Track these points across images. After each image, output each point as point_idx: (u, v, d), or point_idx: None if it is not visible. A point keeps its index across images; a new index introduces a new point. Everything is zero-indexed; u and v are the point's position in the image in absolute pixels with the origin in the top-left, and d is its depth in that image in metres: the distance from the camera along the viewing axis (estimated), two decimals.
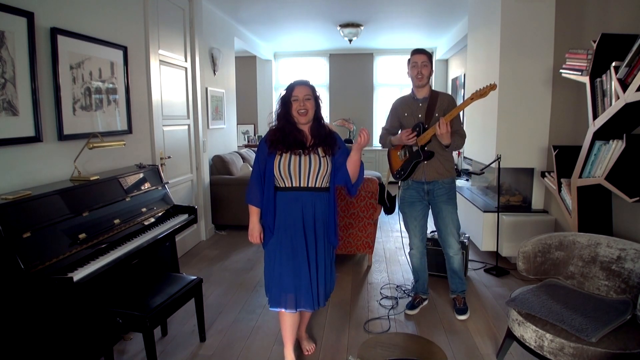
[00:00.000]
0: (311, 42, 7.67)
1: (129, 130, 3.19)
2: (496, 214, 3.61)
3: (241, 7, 5.18)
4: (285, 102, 2.16)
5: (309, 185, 2.12)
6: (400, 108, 2.84)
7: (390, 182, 3.31)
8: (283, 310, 2.15)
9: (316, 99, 2.18)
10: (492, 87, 2.53)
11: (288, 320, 2.19)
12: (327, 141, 2.15)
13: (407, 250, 3.00)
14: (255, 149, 6.49)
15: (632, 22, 2.62)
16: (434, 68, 3.18)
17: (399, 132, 2.86)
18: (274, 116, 2.22)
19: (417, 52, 2.71)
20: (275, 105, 2.24)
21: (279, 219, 2.14)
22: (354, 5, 5.16)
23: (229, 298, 3.17)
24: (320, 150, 2.13)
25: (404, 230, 2.96)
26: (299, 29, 6.51)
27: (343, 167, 2.17)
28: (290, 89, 2.16)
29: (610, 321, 1.84)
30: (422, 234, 2.89)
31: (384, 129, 2.94)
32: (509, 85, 3.56)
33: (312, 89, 2.17)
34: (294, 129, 2.14)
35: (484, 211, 3.78)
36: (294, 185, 2.12)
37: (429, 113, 2.70)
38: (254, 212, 2.19)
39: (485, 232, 3.76)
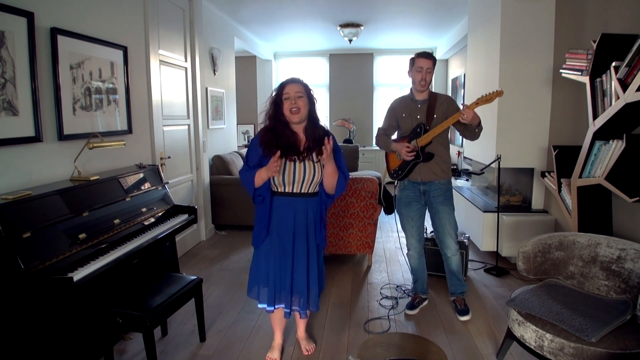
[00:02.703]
0: (311, 42, 7.66)
1: (129, 130, 3.19)
2: (496, 214, 3.62)
3: (241, 7, 5.17)
4: (276, 102, 2.07)
5: (302, 192, 2.11)
6: (399, 108, 2.81)
7: (388, 183, 3.32)
8: (264, 306, 2.23)
9: (310, 98, 2.09)
10: (498, 93, 2.52)
11: (275, 314, 2.32)
12: (320, 144, 2.05)
13: (406, 250, 2.99)
14: None
15: (632, 22, 2.61)
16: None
17: (395, 135, 2.86)
18: (264, 116, 2.12)
19: (423, 56, 2.63)
20: (265, 106, 2.12)
21: (272, 221, 2.15)
22: (354, 5, 5.16)
23: (229, 298, 3.17)
24: (314, 155, 2.08)
25: (402, 230, 2.96)
26: (299, 29, 6.50)
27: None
28: (280, 87, 2.07)
29: (610, 321, 1.84)
30: (419, 234, 2.89)
31: (380, 129, 2.90)
32: (509, 85, 3.55)
33: (305, 86, 2.09)
34: (286, 129, 2.07)
35: (484, 211, 3.78)
36: (286, 190, 2.11)
37: (429, 114, 2.69)
38: (258, 175, 2.05)
39: (485, 232, 3.76)
